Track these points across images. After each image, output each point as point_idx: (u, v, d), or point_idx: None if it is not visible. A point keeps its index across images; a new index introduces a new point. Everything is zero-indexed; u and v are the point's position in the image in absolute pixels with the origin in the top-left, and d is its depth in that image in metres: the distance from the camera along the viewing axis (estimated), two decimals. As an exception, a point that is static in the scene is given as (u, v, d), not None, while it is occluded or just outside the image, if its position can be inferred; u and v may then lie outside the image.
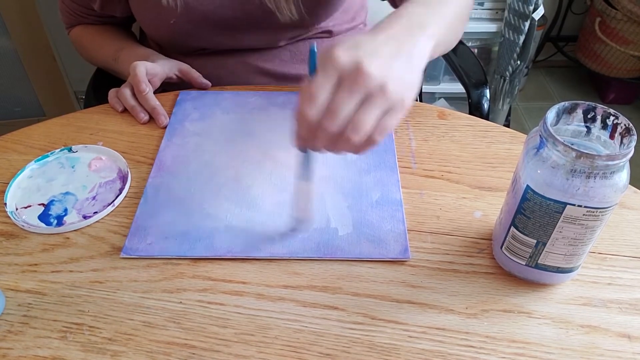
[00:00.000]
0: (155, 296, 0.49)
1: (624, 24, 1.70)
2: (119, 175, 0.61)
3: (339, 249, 0.52)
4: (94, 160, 0.63)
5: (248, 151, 0.63)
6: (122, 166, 0.62)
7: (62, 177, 0.61)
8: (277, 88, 0.74)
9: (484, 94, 0.83)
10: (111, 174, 0.61)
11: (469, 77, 0.87)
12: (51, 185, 0.60)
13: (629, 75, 1.83)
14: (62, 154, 0.64)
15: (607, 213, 0.42)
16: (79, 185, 0.60)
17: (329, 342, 0.45)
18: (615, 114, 0.42)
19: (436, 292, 0.49)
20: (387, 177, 0.59)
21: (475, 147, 0.64)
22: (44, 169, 0.62)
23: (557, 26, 1.98)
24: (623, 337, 0.45)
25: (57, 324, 0.47)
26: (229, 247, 0.52)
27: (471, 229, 0.54)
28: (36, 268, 0.51)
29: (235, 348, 0.45)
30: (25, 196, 0.59)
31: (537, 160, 0.42)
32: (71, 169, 0.62)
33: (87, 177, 0.61)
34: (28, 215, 0.56)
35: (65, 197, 0.58)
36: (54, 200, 0.58)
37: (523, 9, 1.51)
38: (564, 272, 0.47)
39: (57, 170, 0.62)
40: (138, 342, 0.45)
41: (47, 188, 0.60)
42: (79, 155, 0.64)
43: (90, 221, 0.55)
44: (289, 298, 0.48)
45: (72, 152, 0.64)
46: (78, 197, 0.58)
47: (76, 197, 0.58)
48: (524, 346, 0.45)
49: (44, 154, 0.63)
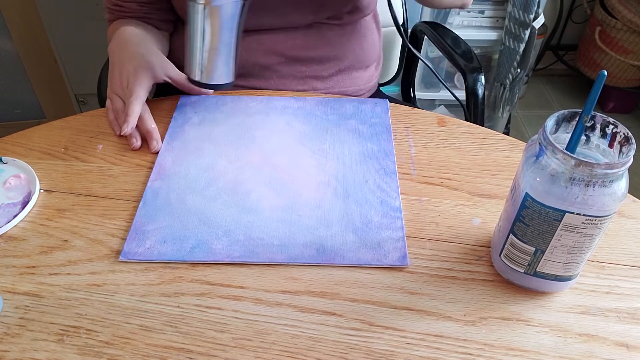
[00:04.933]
0: (153, 300, 0.48)
1: (624, 34, 1.70)
2: (23, 199, 0.58)
3: (337, 255, 0.52)
4: (13, 177, 0.60)
5: (248, 156, 0.63)
6: (33, 189, 0.58)
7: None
8: (277, 93, 0.74)
9: (478, 79, 0.88)
10: (18, 196, 0.58)
11: (464, 64, 0.91)
12: None
13: (628, 85, 1.84)
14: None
15: (605, 221, 0.42)
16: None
17: (327, 347, 0.45)
18: (614, 123, 0.42)
19: (434, 299, 0.48)
20: (386, 184, 0.59)
21: (475, 154, 0.64)
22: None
23: (558, 35, 1.99)
24: (621, 346, 0.45)
25: (54, 326, 0.47)
26: (228, 252, 0.52)
27: (470, 236, 0.54)
28: (34, 270, 0.51)
29: (233, 353, 0.45)
30: None
31: (537, 168, 0.42)
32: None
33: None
34: None
35: None
36: None
37: (523, 18, 1.51)
38: (563, 281, 0.47)
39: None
40: (135, 346, 0.45)
41: None
42: (4, 168, 0.61)
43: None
44: (287, 303, 0.48)
45: (2, 162, 0.61)
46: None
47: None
48: (522, 354, 0.44)
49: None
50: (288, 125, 0.67)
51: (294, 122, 0.68)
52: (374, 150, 0.64)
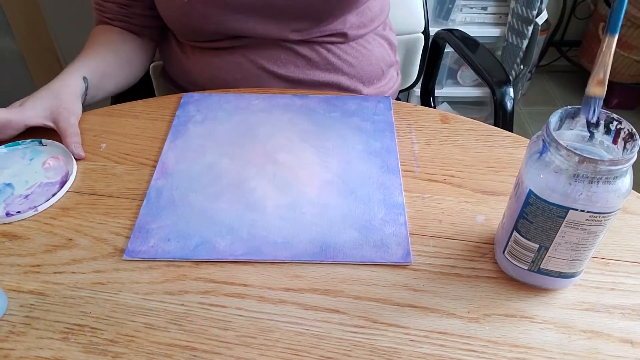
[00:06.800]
0: (157, 298, 0.49)
1: (628, 30, 1.70)
2: (61, 179, 0.60)
3: (340, 253, 0.52)
4: (51, 159, 0.62)
5: (251, 154, 0.63)
6: (70, 170, 0.61)
7: (16, 167, 0.61)
8: (280, 91, 0.74)
9: (507, 92, 0.84)
10: (56, 176, 0.60)
11: (491, 76, 0.87)
12: (2, 172, 0.60)
13: (632, 81, 1.83)
14: (32, 145, 0.64)
15: (610, 218, 0.42)
16: (23, 180, 0.60)
17: (330, 345, 0.45)
18: (618, 119, 0.42)
19: (438, 296, 0.48)
20: (390, 181, 0.59)
21: (478, 151, 0.64)
22: (8, 156, 0.63)
23: (561, 31, 1.98)
24: (626, 342, 0.45)
25: (59, 325, 0.47)
26: (231, 250, 0.52)
27: (473, 233, 0.54)
28: (39, 269, 0.51)
29: (237, 350, 0.45)
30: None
31: (540, 165, 0.42)
32: (29, 161, 0.62)
33: (35, 173, 0.60)
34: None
35: (4, 188, 0.58)
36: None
37: (526, 14, 1.51)
38: (567, 277, 0.47)
39: (17, 160, 0.62)
40: (139, 344, 0.45)
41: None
42: (44, 150, 0.64)
43: (9, 220, 0.55)
44: (291, 301, 0.48)
45: (41, 144, 0.64)
46: (15, 192, 0.58)
47: (13, 191, 0.58)
48: (526, 351, 0.44)
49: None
50: (291, 123, 0.67)
51: (297, 120, 0.68)
52: (377, 147, 0.64)
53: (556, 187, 0.41)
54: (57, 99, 0.65)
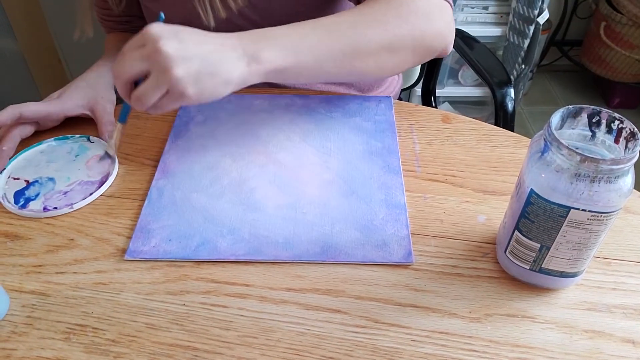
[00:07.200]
0: (158, 298, 0.49)
1: (629, 29, 1.69)
2: (101, 179, 0.60)
3: (342, 253, 0.52)
4: (95, 157, 0.63)
5: (252, 154, 0.63)
6: (111, 171, 0.61)
7: (61, 162, 0.61)
8: (281, 91, 0.74)
9: (507, 93, 0.84)
10: (97, 175, 0.60)
11: (492, 77, 0.87)
12: (47, 166, 0.61)
13: (634, 80, 1.83)
14: (80, 140, 0.65)
15: (611, 217, 0.42)
16: (65, 176, 0.60)
17: (332, 345, 0.45)
18: (620, 118, 0.42)
19: (439, 296, 0.48)
20: (391, 181, 0.59)
21: (479, 150, 0.64)
22: (56, 149, 0.63)
23: (562, 30, 1.98)
24: (627, 342, 0.45)
25: (60, 325, 0.47)
26: (233, 250, 0.52)
27: (475, 233, 0.54)
28: (40, 269, 0.51)
29: (238, 350, 0.45)
30: (23, 168, 0.60)
31: (542, 164, 0.42)
32: (74, 157, 0.62)
33: (77, 170, 0.61)
34: (10, 186, 0.57)
35: (47, 182, 0.59)
36: (37, 182, 0.58)
37: (528, 13, 1.51)
38: (568, 277, 0.47)
39: (63, 155, 0.63)
40: (141, 344, 0.45)
41: (42, 167, 0.60)
42: (90, 147, 0.64)
43: (45, 215, 0.56)
44: (292, 301, 0.48)
45: (89, 141, 0.65)
46: (55, 187, 0.58)
47: (54, 186, 0.58)
48: (528, 351, 0.44)
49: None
50: (292, 123, 0.67)
51: (298, 120, 0.68)
52: (378, 147, 0.64)
53: (558, 186, 0.41)
54: (93, 88, 0.69)
